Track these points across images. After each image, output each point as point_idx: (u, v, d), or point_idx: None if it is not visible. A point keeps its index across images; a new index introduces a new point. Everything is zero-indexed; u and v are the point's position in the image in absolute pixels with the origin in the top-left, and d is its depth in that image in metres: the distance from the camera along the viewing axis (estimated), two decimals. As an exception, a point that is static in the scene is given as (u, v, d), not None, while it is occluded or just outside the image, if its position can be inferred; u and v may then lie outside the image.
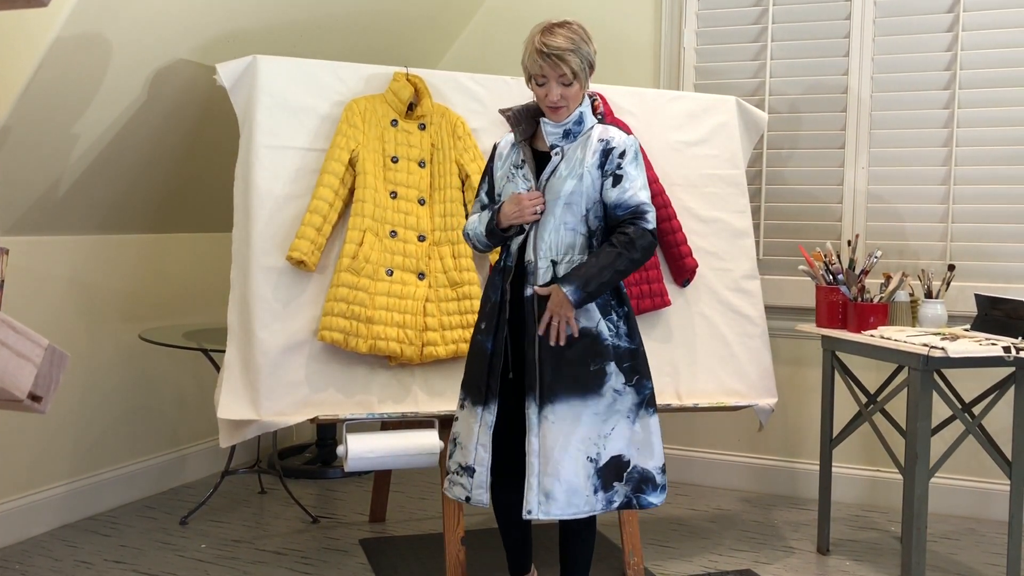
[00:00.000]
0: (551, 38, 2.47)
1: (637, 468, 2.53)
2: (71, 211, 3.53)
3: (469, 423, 2.57)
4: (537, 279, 2.51)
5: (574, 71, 2.47)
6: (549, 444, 2.45)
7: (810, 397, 4.17)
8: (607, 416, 2.49)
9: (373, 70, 3.23)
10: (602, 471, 2.48)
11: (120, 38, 3.10)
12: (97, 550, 3.43)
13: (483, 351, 2.56)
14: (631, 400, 2.52)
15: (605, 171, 2.51)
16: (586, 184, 2.51)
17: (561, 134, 2.55)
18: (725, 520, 3.90)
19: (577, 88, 2.51)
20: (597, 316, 2.51)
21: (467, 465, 2.56)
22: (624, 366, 2.52)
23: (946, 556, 3.51)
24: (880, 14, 4.00)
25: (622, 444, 2.51)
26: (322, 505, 4.00)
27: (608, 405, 2.49)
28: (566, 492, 2.45)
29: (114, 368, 3.86)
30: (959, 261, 3.87)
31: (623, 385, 2.51)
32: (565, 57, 2.45)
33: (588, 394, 2.47)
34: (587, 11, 4.47)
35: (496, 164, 2.67)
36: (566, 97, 2.50)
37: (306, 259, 2.95)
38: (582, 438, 2.47)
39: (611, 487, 2.50)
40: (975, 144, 3.89)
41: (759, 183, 4.19)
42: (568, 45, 2.46)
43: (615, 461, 2.50)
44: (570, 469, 2.45)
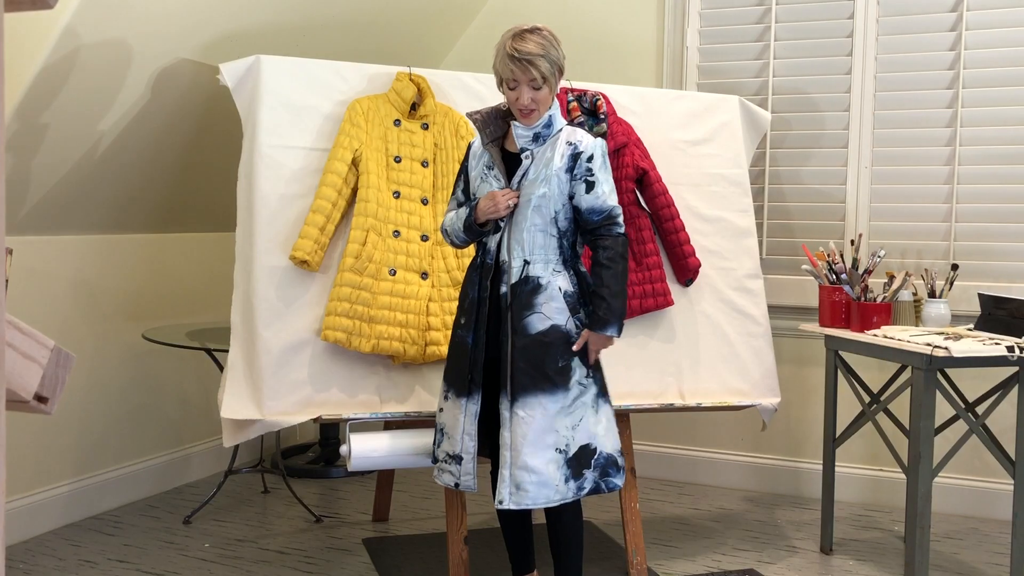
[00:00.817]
0: (522, 43, 2.54)
1: (603, 454, 2.64)
2: (75, 211, 3.54)
3: (454, 413, 2.68)
4: (511, 277, 2.62)
5: (544, 75, 2.54)
6: (519, 438, 2.56)
7: (813, 397, 4.17)
8: (573, 408, 2.60)
9: (376, 69, 3.23)
10: (571, 461, 2.59)
11: (123, 38, 3.10)
12: (101, 549, 3.43)
13: (465, 345, 2.67)
14: (594, 390, 2.64)
15: (575, 175, 2.59)
16: (554, 188, 2.59)
17: (531, 137, 2.62)
18: (728, 520, 3.90)
19: (547, 92, 2.57)
20: (567, 314, 2.61)
21: (455, 453, 2.68)
22: (586, 359, 2.63)
23: (949, 556, 3.51)
24: (883, 13, 4.00)
25: (589, 433, 2.62)
26: (325, 504, 4.01)
27: (575, 398, 2.60)
28: (536, 484, 2.56)
29: (118, 367, 3.87)
30: (962, 260, 3.87)
31: (586, 377, 2.62)
32: (535, 62, 2.52)
33: (557, 389, 2.57)
34: (590, 11, 4.47)
35: (470, 164, 2.75)
36: (536, 100, 2.56)
37: (309, 259, 2.95)
38: (551, 431, 2.57)
39: (581, 475, 2.61)
40: (978, 143, 3.89)
41: (762, 182, 4.19)
42: (538, 50, 2.52)
43: (583, 450, 2.61)
44: (540, 462, 2.56)
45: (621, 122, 3.42)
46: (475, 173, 2.71)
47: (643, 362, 3.35)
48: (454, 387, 2.69)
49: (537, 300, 2.58)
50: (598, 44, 4.45)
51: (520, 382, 2.57)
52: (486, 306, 2.65)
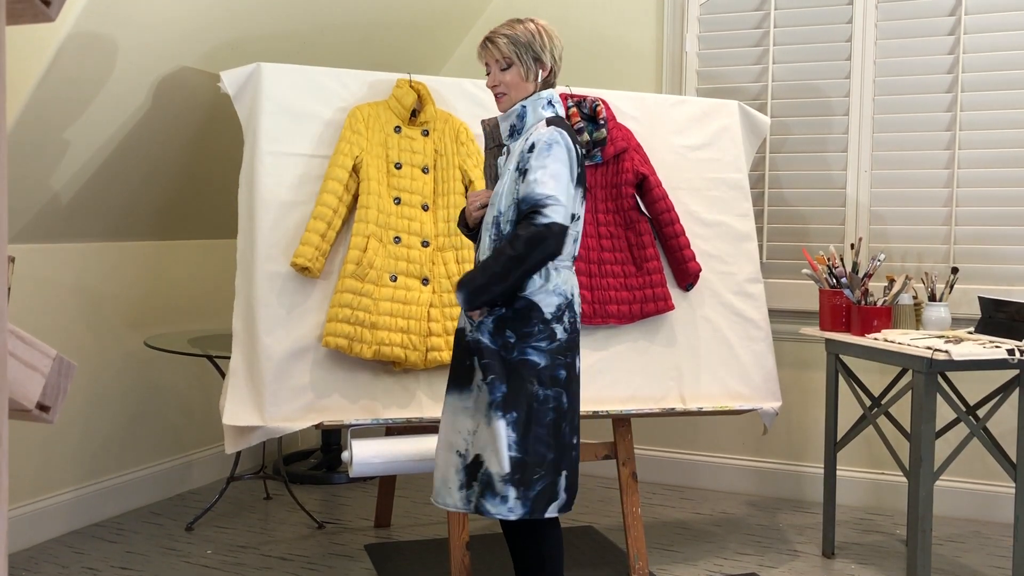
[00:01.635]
0: (496, 28, 2.53)
1: (485, 471, 2.41)
2: (76, 218, 3.55)
3: None
4: None
5: (504, 54, 2.47)
6: (440, 432, 2.54)
7: (814, 400, 4.17)
8: (475, 412, 2.46)
9: (376, 76, 3.24)
10: (468, 468, 2.45)
11: (124, 46, 3.12)
12: (103, 556, 3.44)
13: None
14: (485, 399, 2.43)
15: (520, 169, 2.44)
16: (502, 186, 2.49)
17: (508, 131, 2.54)
18: (730, 524, 3.90)
19: (516, 76, 2.48)
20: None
21: None
22: (483, 363, 2.45)
23: (951, 559, 3.51)
24: (882, 17, 4.01)
25: (482, 444, 2.43)
26: (327, 510, 4.01)
27: (474, 400, 2.46)
28: (440, 481, 2.50)
29: (119, 375, 3.88)
30: (963, 264, 3.87)
31: (480, 381, 2.45)
32: (496, 40, 2.49)
33: (464, 389, 2.48)
34: (589, 17, 4.48)
35: None
36: (505, 84, 2.50)
37: (310, 265, 2.96)
38: (453, 430, 2.49)
39: (471, 486, 2.45)
40: (978, 146, 3.89)
41: (762, 187, 4.20)
42: (506, 30, 2.49)
43: (475, 460, 2.44)
44: (441, 459, 2.51)
45: (621, 127, 3.43)
46: None
47: (644, 367, 3.35)
48: None
49: None
50: (598, 50, 4.46)
51: (451, 378, 2.54)
52: None
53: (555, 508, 2.43)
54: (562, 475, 2.44)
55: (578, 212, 2.49)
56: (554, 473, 2.43)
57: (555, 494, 2.43)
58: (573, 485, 2.49)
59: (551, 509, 2.43)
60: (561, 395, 2.45)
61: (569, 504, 2.48)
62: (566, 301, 2.48)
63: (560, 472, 2.44)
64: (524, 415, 2.40)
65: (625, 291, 3.31)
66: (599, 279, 3.28)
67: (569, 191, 2.40)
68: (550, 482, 2.42)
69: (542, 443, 2.41)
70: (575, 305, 2.52)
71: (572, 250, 2.51)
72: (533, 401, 2.41)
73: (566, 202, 2.38)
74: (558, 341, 2.45)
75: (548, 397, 2.42)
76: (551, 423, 2.42)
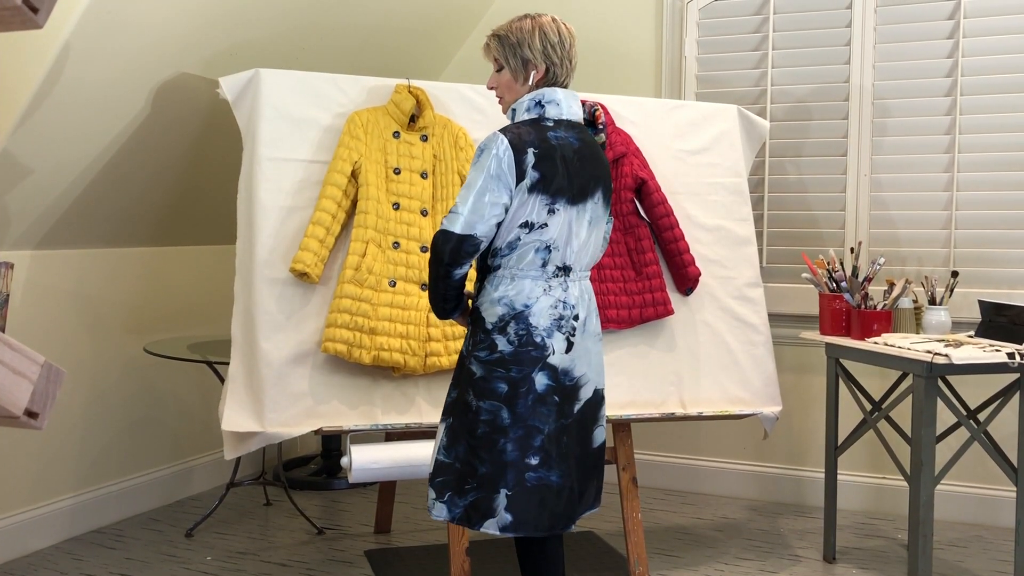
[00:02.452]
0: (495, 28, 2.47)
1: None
2: (75, 225, 3.55)
3: None
4: None
5: (493, 55, 2.43)
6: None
7: (814, 405, 4.16)
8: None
9: (375, 82, 3.24)
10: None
11: (123, 52, 3.12)
12: (103, 563, 3.43)
13: None
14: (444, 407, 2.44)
15: None
16: None
17: None
18: (731, 529, 3.89)
19: (507, 77, 2.41)
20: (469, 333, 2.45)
21: None
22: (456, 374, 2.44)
23: (953, 563, 3.50)
24: (881, 21, 4.01)
25: None
26: (327, 516, 4.00)
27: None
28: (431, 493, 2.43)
29: (119, 381, 3.87)
30: (963, 267, 3.87)
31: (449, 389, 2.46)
32: (488, 41, 2.45)
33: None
34: (589, 21, 4.48)
35: None
36: (500, 85, 2.45)
37: (309, 271, 2.96)
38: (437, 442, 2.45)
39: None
40: (977, 150, 3.89)
41: (761, 191, 4.20)
42: (498, 31, 2.44)
43: None
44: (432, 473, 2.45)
45: (620, 132, 3.42)
46: None
47: (644, 371, 3.35)
48: None
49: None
50: (597, 54, 4.46)
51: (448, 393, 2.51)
52: None
53: (493, 525, 2.32)
54: (501, 493, 2.31)
55: (538, 219, 2.31)
56: (490, 489, 2.32)
57: (491, 510, 2.32)
58: (524, 510, 2.32)
59: (488, 524, 2.33)
60: (499, 410, 2.32)
61: (516, 527, 2.33)
62: (512, 312, 2.33)
63: (498, 489, 2.32)
64: (456, 422, 2.37)
65: (624, 296, 3.31)
66: (598, 284, 3.28)
67: (482, 199, 2.27)
68: (484, 496, 2.32)
69: (473, 455, 2.33)
70: (532, 317, 2.33)
71: (538, 259, 2.33)
72: (467, 411, 2.35)
73: (468, 211, 2.27)
74: (499, 353, 2.33)
75: (480, 409, 2.33)
76: (483, 436, 2.33)
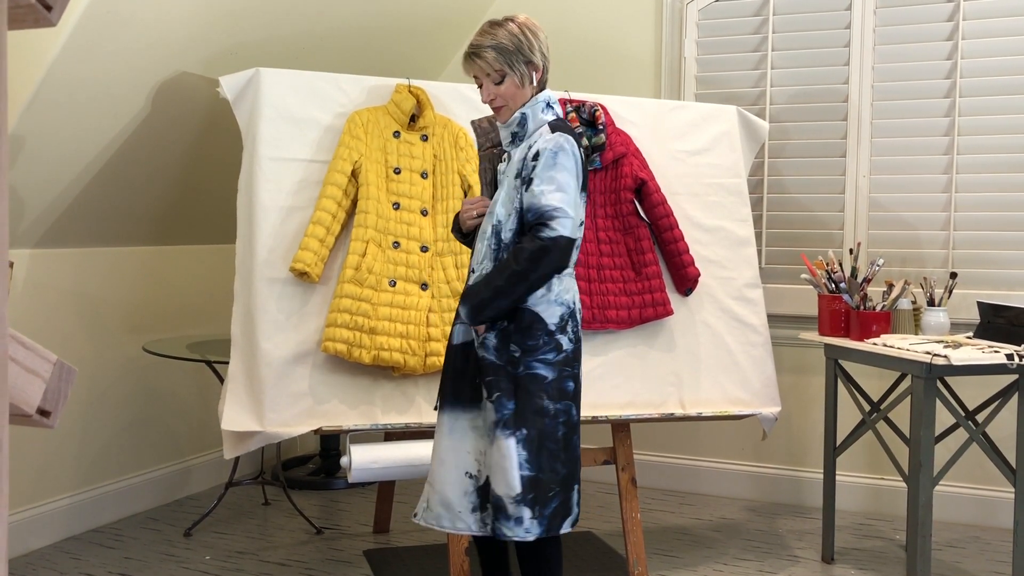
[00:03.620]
0: (477, 37, 2.40)
1: (495, 494, 2.33)
2: (75, 223, 3.54)
3: None
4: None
5: (493, 67, 2.36)
6: (436, 453, 2.43)
7: (813, 405, 4.17)
8: (480, 429, 2.39)
9: (375, 82, 3.24)
10: (481, 490, 2.38)
11: (124, 51, 3.12)
12: (101, 562, 3.43)
13: None
14: (491, 418, 2.34)
15: (523, 177, 2.36)
16: (504, 193, 2.40)
17: (509, 137, 2.45)
18: (729, 529, 3.89)
19: (512, 86, 2.38)
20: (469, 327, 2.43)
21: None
22: (487, 379, 2.36)
23: (951, 564, 3.50)
24: (880, 23, 4.01)
25: (488, 465, 2.36)
26: (326, 516, 4.00)
27: (484, 420, 2.38)
28: (440, 504, 2.41)
29: (118, 380, 3.87)
30: (961, 268, 3.87)
31: (485, 400, 2.36)
32: (481, 53, 2.36)
33: (470, 407, 2.39)
34: (588, 22, 4.49)
35: None
36: (502, 96, 2.39)
37: (309, 270, 2.96)
38: (459, 451, 2.39)
39: (485, 508, 2.38)
40: (976, 151, 3.90)
41: (761, 192, 4.20)
42: (488, 41, 2.36)
43: (487, 481, 2.37)
44: (445, 481, 2.40)
45: (620, 132, 3.43)
46: None
47: (643, 372, 3.35)
48: None
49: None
50: (596, 55, 4.46)
51: (444, 392, 2.44)
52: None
53: (568, 523, 2.37)
54: (575, 489, 2.39)
55: (582, 217, 2.41)
56: (568, 488, 2.37)
57: (569, 509, 2.37)
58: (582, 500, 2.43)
59: (565, 525, 2.36)
60: (571, 408, 2.37)
61: (577, 518, 2.43)
62: (568, 311, 2.39)
63: (573, 487, 2.38)
64: (535, 432, 2.31)
65: (624, 296, 3.31)
66: (598, 284, 3.28)
67: (577, 201, 2.33)
68: (564, 498, 2.36)
69: (556, 459, 2.33)
70: (577, 314, 2.42)
71: (575, 257, 2.41)
72: (544, 417, 2.32)
73: (574, 213, 2.31)
74: (564, 352, 2.36)
75: (558, 411, 2.34)
76: (563, 438, 2.35)
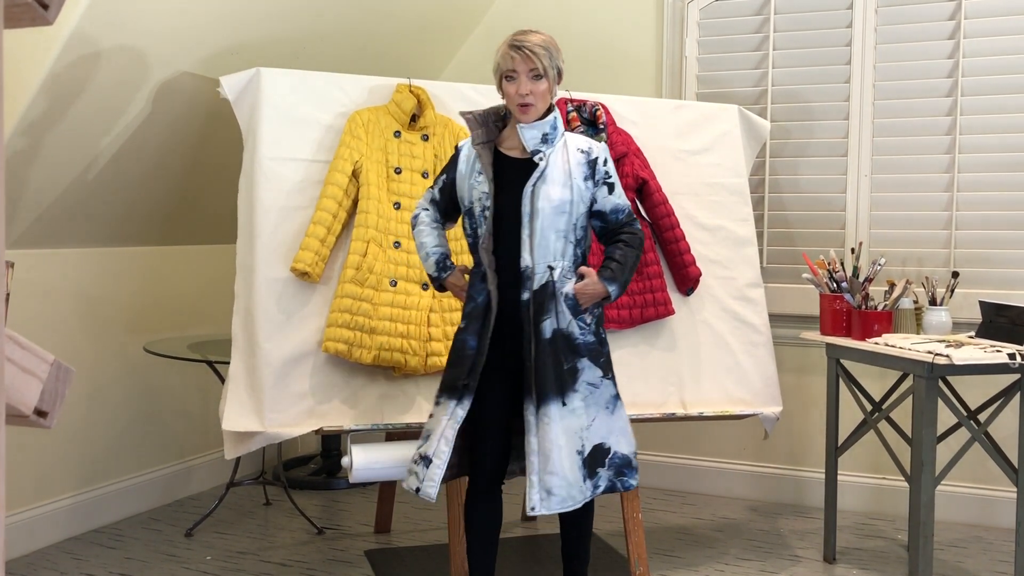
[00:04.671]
0: (524, 36, 2.58)
1: (618, 454, 2.66)
2: (76, 224, 3.54)
3: (439, 417, 2.62)
4: (534, 283, 2.58)
5: (544, 67, 2.54)
6: (548, 443, 2.54)
7: (815, 405, 4.16)
8: (585, 409, 2.61)
9: (376, 81, 3.24)
10: (587, 460, 2.61)
11: (124, 51, 3.12)
12: (102, 563, 3.43)
13: (466, 350, 2.62)
14: (609, 392, 2.66)
15: (596, 180, 2.64)
16: (576, 195, 2.60)
17: (540, 138, 2.59)
18: (731, 529, 3.89)
19: (546, 87, 2.57)
20: (568, 317, 2.61)
21: (425, 455, 2.60)
22: (600, 361, 2.65)
23: (953, 564, 3.50)
24: (882, 22, 4.01)
25: (603, 433, 2.64)
26: (327, 516, 4.00)
27: (584, 399, 2.60)
28: (564, 487, 2.56)
29: (119, 380, 3.87)
30: (963, 268, 3.87)
31: (599, 378, 2.64)
32: (536, 51, 2.53)
33: (567, 391, 2.58)
34: (589, 22, 4.48)
35: (461, 166, 2.70)
36: (535, 93, 2.55)
37: (310, 270, 2.96)
38: (570, 434, 2.57)
39: (595, 473, 2.63)
40: (978, 151, 3.89)
41: (762, 191, 4.20)
42: (540, 43, 2.56)
43: (596, 449, 2.63)
44: (566, 465, 2.56)
45: (621, 132, 3.42)
46: (466, 176, 2.66)
47: (644, 372, 3.35)
48: (447, 391, 2.63)
49: (551, 305, 2.58)
50: (598, 55, 4.46)
51: (544, 387, 2.56)
52: (493, 312, 2.59)
53: None
54: None
55: None
56: None
57: None
58: None
59: None
60: None
61: None
62: None
63: None
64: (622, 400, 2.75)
65: (625, 296, 3.31)
66: (599, 284, 3.28)
67: None
68: None
69: None
70: None
71: None
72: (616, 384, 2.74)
73: None
74: None
75: None
76: None
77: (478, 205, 2.62)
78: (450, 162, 2.75)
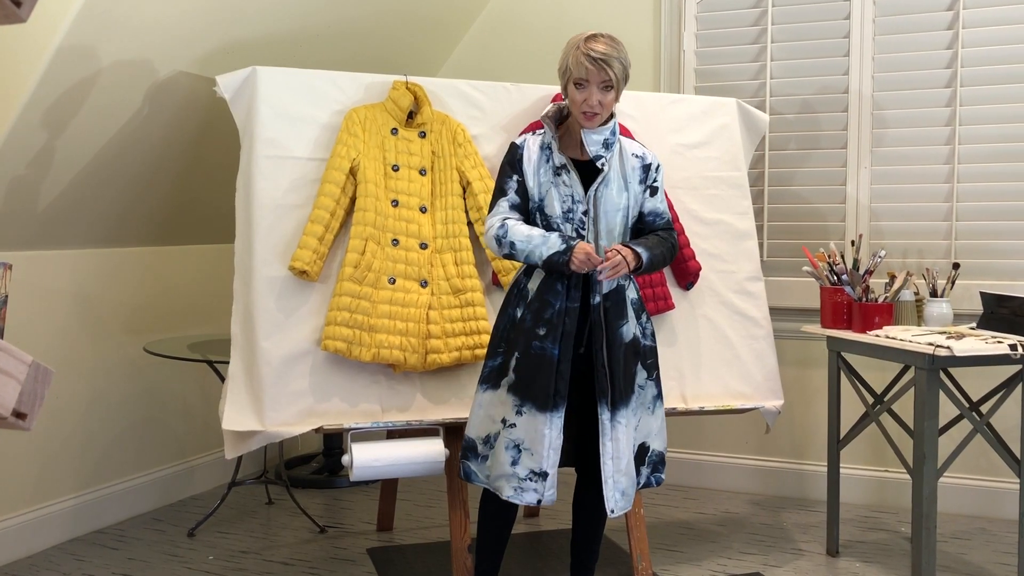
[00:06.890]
0: (596, 44, 2.58)
1: (655, 452, 2.79)
2: (73, 225, 3.54)
3: (537, 428, 2.58)
4: (603, 287, 2.65)
5: (616, 77, 2.57)
6: (622, 446, 2.65)
7: (816, 398, 4.16)
8: (637, 409, 2.72)
9: (372, 79, 3.23)
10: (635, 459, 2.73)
11: (120, 50, 3.11)
12: (105, 563, 3.43)
13: (549, 357, 2.59)
14: (652, 393, 2.75)
15: (646, 185, 2.73)
16: (633, 198, 2.70)
17: (602, 144, 2.65)
18: (733, 523, 3.88)
19: (613, 96, 2.61)
20: (635, 320, 2.71)
21: (541, 470, 2.61)
22: (648, 363, 2.74)
23: (956, 556, 3.49)
24: (880, 13, 3.99)
25: (645, 432, 2.75)
26: (329, 515, 4.00)
27: (636, 399, 2.71)
28: (631, 487, 2.69)
29: (119, 381, 3.87)
30: (964, 259, 3.86)
31: (646, 380, 2.73)
32: (611, 62, 2.56)
33: (630, 394, 2.68)
34: (586, 16, 4.47)
35: (527, 166, 2.65)
36: (603, 104, 2.59)
37: (308, 269, 2.95)
38: (631, 435, 2.69)
39: (639, 472, 2.75)
40: (978, 141, 3.88)
41: (761, 184, 4.18)
42: (612, 52, 2.58)
43: (640, 448, 2.75)
44: (631, 466, 2.70)
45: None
46: (539, 175, 2.63)
47: (645, 367, 3.34)
48: (533, 401, 2.58)
49: (623, 309, 2.67)
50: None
51: (620, 390, 2.64)
52: (574, 317, 2.61)
53: None
54: None
55: None
56: None
57: None
58: None
59: None
60: None
61: None
62: None
63: None
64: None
65: (625, 291, 3.29)
66: (598, 279, 3.27)
67: None
68: None
69: None
70: None
71: None
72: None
73: None
74: None
75: None
76: None
77: (561, 206, 2.61)
78: (513, 162, 2.67)
